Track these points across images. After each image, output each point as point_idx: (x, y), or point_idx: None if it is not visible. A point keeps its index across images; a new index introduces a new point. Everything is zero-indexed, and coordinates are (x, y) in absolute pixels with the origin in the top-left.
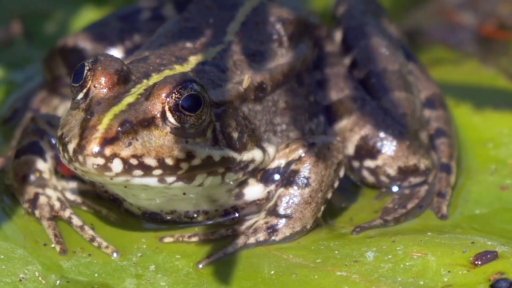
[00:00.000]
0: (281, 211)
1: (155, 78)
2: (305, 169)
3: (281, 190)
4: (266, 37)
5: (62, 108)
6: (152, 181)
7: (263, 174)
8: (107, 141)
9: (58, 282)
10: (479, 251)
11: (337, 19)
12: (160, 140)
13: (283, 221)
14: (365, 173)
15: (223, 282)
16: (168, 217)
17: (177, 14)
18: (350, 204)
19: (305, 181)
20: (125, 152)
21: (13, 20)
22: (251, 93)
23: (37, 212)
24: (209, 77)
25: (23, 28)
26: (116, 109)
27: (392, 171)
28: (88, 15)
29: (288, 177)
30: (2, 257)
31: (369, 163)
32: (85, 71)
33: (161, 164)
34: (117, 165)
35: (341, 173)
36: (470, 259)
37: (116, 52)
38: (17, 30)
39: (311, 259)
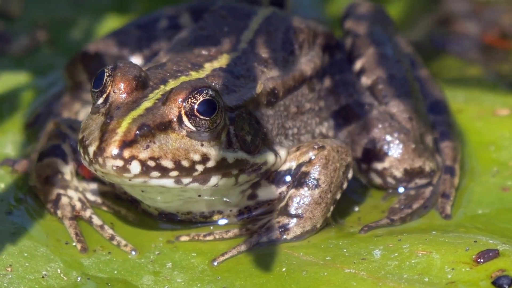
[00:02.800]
0: (292, 211)
1: (171, 83)
2: (315, 171)
3: (292, 191)
4: (278, 45)
5: (83, 112)
6: (169, 182)
7: (275, 176)
8: (126, 144)
9: (79, 279)
10: (482, 249)
11: (346, 28)
12: (176, 143)
13: (294, 220)
14: (373, 175)
15: (237, 279)
16: (184, 217)
17: (193, 23)
18: (358, 204)
19: (315, 182)
20: (143, 155)
21: (38, 28)
22: (264, 98)
23: (59, 212)
24: (223, 83)
25: (47, 36)
26: (134, 113)
27: (398, 173)
28: (110, 23)
29: (299, 179)
30: (25, 255)
31: (376, 165)
32: (105, 77)
33: (178, 166)
34: (135, 167)
35: (350, 175)
36: (473, 257)
37: (135, 59)
38: (42, 38)
39: (321, 257)
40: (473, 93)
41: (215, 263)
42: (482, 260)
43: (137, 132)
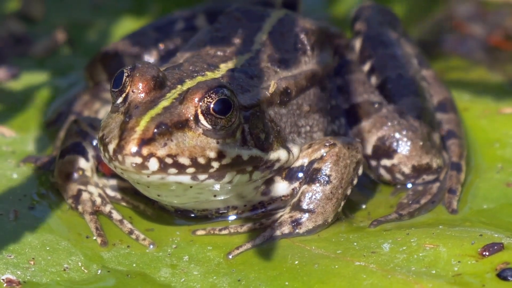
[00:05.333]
0: (305, 206)
1: (188, 83)
2: (327, 168)
3: (305, 187)
4: (290, 46)
5: (103, 111)
6: (185, 178)
7: (287, 172)
8: (144, 141)
9: (99, 271)
10: (487, 243)
11: (356, 29)
12: (193, 141)
13: (306, 215)
14: (382, 171)
15: (251, 271)
16: (200, 214)
17: (208, 24)
18: (368, 200)
19: (327, 178)
20: (161, 152)
21: (58, 30)
22: (277, 97)
23: (80, 207)
24: (238, 82)
25: (67, 37)
26: (152, 112)
27: (406, 169)
28: (127, 25)
29: (311, 175)
30: (48, 248)
31: (385, 162)
32: (124, 77)
33: (194, 163)
34: (153, 164)
35: (360, 171)
36: (478, 250)
37: (152, 60)
38: (62, 39)
39: (332, 250)
40: (478, 92)
41: (230, 256)
42: (487, 253)
43: (155, 130)
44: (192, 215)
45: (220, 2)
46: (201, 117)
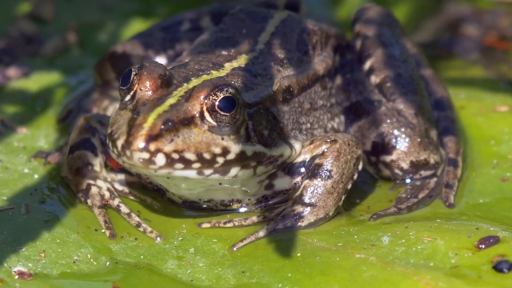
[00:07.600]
0: (306, 200)
1: (194, 82)
2: (328, 163)
3: (307, 181)
4: (293, 46)
5: (111, 108)
6: (191, 173)
7: (290, 167)
8: (151, 137)
9: (108, 263)
10: (483, 236)
11: (356, 30)
12: (198, 137)
13: (308, 209)
14: (381, 167)
15: (255, 263)
16: (206, 205)
17: (213, 25)
18: (367, 194)
19: (328, 173)
20: (168, 148)
21: (69, 31)
22: (280, 95)
23: (89, 201)
24: (242, 81)
25: (77, 38)
26: (159, 109)
27: (405, 165)
28: (135, 26)
29: (313, 170)
30: (58, 241)
31: (384, 157)
32: (132, 75)
33: (200, 158)
34: (160, 159)
35: (360, 166)
36: (475, 243)
37: (159, 59)
38: (72, 40)
39: (333, 243)
40: (474, 91)
41: (235, 249)
42: (483, 246)
43: (162, 126)
44: (198, 207)
45: (225, 3)
46: (206, 114)
